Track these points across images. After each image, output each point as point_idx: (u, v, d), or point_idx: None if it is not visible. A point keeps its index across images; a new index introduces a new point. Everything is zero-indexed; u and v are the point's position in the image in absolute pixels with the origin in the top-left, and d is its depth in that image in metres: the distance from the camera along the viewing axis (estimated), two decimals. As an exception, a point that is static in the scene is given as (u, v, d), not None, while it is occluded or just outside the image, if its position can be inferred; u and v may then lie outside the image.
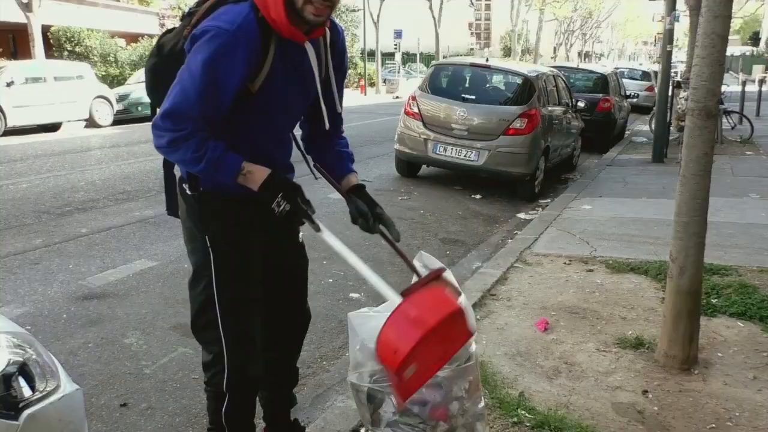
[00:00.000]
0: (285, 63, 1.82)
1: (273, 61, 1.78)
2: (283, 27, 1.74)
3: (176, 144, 1.75)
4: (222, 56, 1.68)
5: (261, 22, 1.73)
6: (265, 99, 1.83)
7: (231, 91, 1.74)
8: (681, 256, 3.10)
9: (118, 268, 4.74)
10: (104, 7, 27.64)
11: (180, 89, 1.72)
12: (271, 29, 1.76)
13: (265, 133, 1.93)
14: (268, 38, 1.75)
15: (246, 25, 1.71)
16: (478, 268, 5.01)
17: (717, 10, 2.71)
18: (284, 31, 1.76)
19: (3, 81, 13.68)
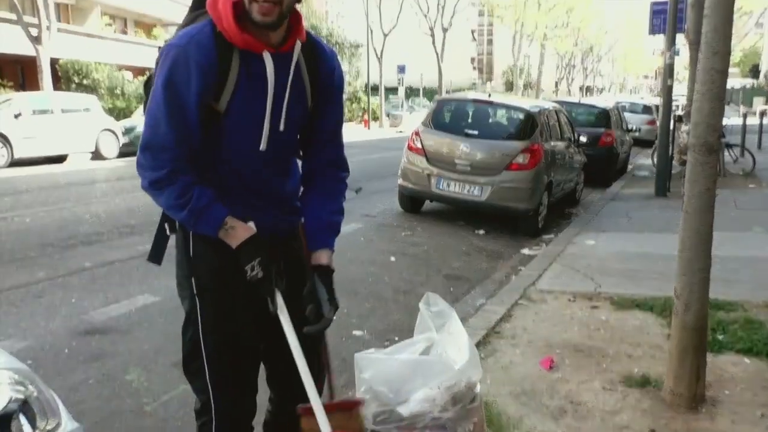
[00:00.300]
0: (250, 78, 1.71)
1: (238, 76, 1.69)
2: (233, 35, 1.65)
3: (159, 185, 1.69)
4: (175, 73, 1.63)
5: (218, 36, 1.66)
6: (235, 118, 1.73)
7: (193, 108, 1.66)
8: (686, 292, 3.08)
9: (120, 303, 4.73)
10: (112, 41, 28.10)
11: (149, 119, 1.68)
12: (230, 43, 1.67)
13: (246, 158, 1.79)
14: (228, 52, 1.67)
15: (198, 39, 1.65)
16: (482, 305, 4.98)
17: (716, 46, 2.74)
18: (236, 39, 1.65)
19: (11, 112, 13.83)
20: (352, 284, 5.34)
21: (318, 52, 1.86)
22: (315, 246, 1.90)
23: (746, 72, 63.50)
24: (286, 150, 1.89)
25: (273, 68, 1.71)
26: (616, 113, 14.45)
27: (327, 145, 1.96)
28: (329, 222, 1.94)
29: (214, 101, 1.69)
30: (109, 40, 27.80)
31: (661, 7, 11.93)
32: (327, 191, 1.97)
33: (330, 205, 1.96)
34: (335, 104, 1.94)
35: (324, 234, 1.92)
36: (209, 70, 1.64)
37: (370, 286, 5.35)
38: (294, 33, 1.76)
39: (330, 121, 1.94)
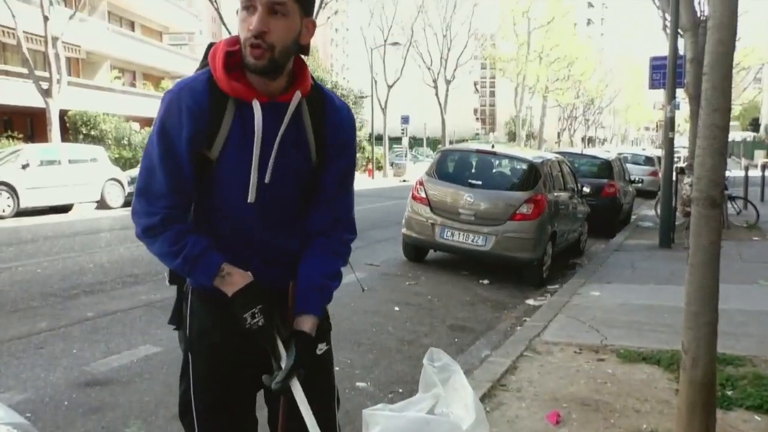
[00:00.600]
0: (243, 127, 1.64)
1: (231, 125, 1.64)
2: (223, 82, 1.61)
3: (153, 233, 1.64)
4: (168, 120, 1.62)
5: (213, 84, 1.63)
6: (225, 167, 1.67)
7: (185, 155, 1.61)
8: (693, 347, 3.04)
9: (122, 354, 4.69)
10: (121, 93, 28.61)
11: (145, 164, 1.65)
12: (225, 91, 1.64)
13: (237, 209, 1.71)
14: (222, 100, 1.63)
15: (192, 86, 1.63)
16: (487, 357, 4.93)
17: (716, 103, 2.78)
18: (225, 87, 1.61)
19: (18, 163, 13.99)
20: (356, 335, 5.30)
21: (326, 106, 1.78)
22: (300, 309, 1.70)
23: (746, 125, 64.22)
24: (280, 204, 1.76)
25: (261, 117, 1.63)
26: (619, 164, 14.56)
27: (331, 203, 1.82)
28: (321, 285, 1.75)
29: (206, 149, 1.64)
30: (117, 93, 28.33)
31: (660, 62, 12.16)
32: (325, 252, 1.80)
33: (325, 267, 1.78)
34: (342, 161, 1.82)
35: (312, 298, 1.73)
36: (200, 116, 1.61)
37: (374, 336, 5.30)
38: (296, 83, 1.70)
39: (334, 178, 1.81)
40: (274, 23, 1.54)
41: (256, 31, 1.53)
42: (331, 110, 1.78)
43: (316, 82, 1.79)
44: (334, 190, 1.82)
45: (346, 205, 1.87)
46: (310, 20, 1.66)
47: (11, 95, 22.04)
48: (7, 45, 24.41)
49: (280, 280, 1.74)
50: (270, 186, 1.70)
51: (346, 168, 1.84)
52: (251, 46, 1.54)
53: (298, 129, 1.72)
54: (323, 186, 1.81)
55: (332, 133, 1.78)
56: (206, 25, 73.53)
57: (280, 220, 1.78)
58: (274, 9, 1.54)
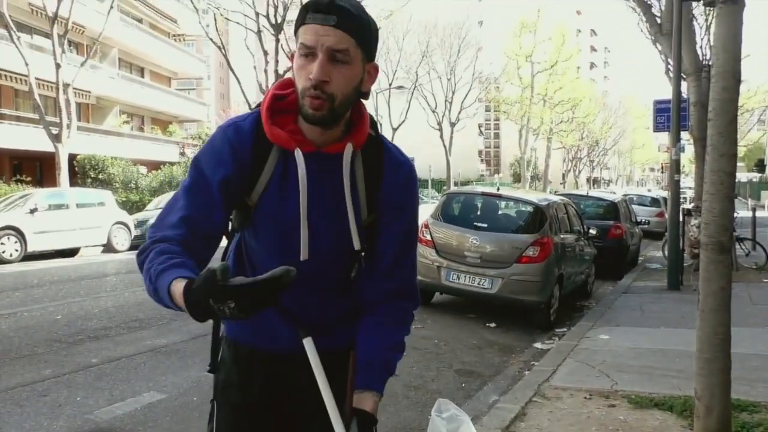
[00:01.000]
0: (287, 177, 1.53)
1: (273, 172, 1.53)
2: (266, 128, 1.51)
3: (144, 252, 1.44)
4: (208, 152, 1.53)
5: (261, 127, 1.53)
6: (264, 216, 1.55)
7: (216, 189, 1.49)
8: (707, 394, 3.00)
9: (126, 401, 4.63)
10: (129, 137, 29.00)
11: (173, 195, 1.55)
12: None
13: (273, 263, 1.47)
14: (267, 145, 1.52)
15: (239, 125, 1.54)
16: (495, 403, 4.85)
17: (722, 149, 2.79)
18: (266, 131, 1.50)
19: (27, 208, 14.10)
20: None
21: (384, 161, 1.60)
22: (361, 385, 1.54)
23: (751, 166, 64.31)
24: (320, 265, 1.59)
25: (305, 169, 1.50)
26: (625, 206, 14.55)
27: (392, 271, 1.64)
28: (384, 360, 1.60)
29: (246, 194, 1.54)
30: (125, 137, 28.72)
31: (664, 105, 12.25)
32: (387, 321, 1.64)
33: (388, 338, 1.62)
34: (400, 224, 1.63)
35: (374, 373, 1.57)
36: (242, 156, 1.51)
37: (381, 383, 5.24)
38: (351, 133, 1.55)
39: (392, 244, 1.63)
40: (335, 72, 1.42)
41: (316, 80, 1.40)
42: (389, 166, 1.60)
43: (377, 131, 1.63)
44: (392, 258, 1.64)
45: (408, 272, 1.69)
46: (373, 65, 1.52)
47: (22, 140, 22.39)
48: (19, 91, 24.87)
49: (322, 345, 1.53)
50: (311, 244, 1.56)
51: (404, 232, 1.65)
52: (310, 96, 1.42)
53: (349, 184, 1.55)
54: (380, 252, 1.63)
55: (388, 192, 1.60)
56: (214, 71, 74.79)
57: (320, 283, 1.62)
58: (335, 56, 1.41)
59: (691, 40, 10.96)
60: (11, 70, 22.47)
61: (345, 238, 1.57)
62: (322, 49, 1.39)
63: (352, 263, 1.65)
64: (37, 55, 21.15)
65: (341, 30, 1.39)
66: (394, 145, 1.65)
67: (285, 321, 1.57)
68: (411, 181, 1.65)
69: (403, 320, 1.69)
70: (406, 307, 1.69)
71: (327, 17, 1.38)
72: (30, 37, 24.49)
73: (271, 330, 1.61)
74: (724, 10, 2.76)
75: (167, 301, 1.33)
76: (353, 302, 1.69)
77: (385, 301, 1.65)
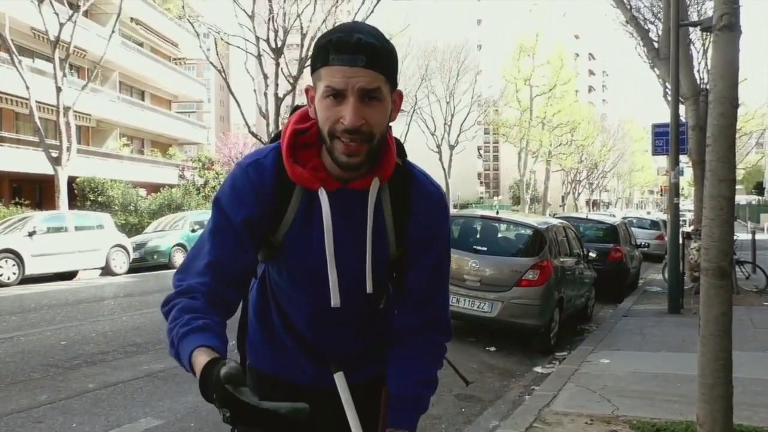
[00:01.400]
0: (311, 216, 1.47)
1: (297, 210, 1.47)
2: (288, 167, 1.44)
3: (168, 304, 1.39)
4: (230, 191, 1.46)
5: (282, 164, 1.46)
6: (289, 255, 1.50)
7: (239, 230, 1.43)
8: (708, 420, 2.96)
9: (122, 427, 4.58)
10: (129, 160, 29.09)
11: (199, 239, 1.49)
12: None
13: (298, 301, 1.56)
14: (290, 182, 1.45)
15: (261, 161, 1.47)
16: (496, 428, 4.80)
17: (721, 174, 2.79)
18: (289, 172, 1.44)
19: (25, 231, 14.09)
20: None
21: (413, 191, 1.52)
22: (392, 423, 1.48)
23: (750, 189, 64.48)
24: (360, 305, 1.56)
25: (329, 211, 1.44)
26: (624, 228, 14.55)
27: (423, 305, 1.58)
28: (415, 396, 1.52)
29: (270, 232, 1.49)
30: (125, 160, 28.81)
31: (662, 129, 12.32)
32: (417, 354, 1.57)
33: (419, 374, 1.55)
34: (430, 258, 1.56)
35: (406, 410, 1.50)
36: (264, 196, 1.45)
37: None
38: (379, 165, 1.46)
39: (422, 277, 1.56)
40: (369, 112, 1.34)
41: (353, 126, 1.31)
42: (418, 197, 1.52)
43: (404, 160, 1.55)
44: (423, 291, 1.57)
45: (439, 306, 1.62)
46: (398, 93, 1.43)
47: (21, 163, 22.45)
48: (19, 114, 25.00)
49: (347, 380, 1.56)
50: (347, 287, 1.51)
51: (435, 264, 1.58)
52: (346, 141, 1.34)
53: (376, 219, 1.48)
54: (410, 285, 1.57)
55: (416, 224, 1.53)
56: (214, 94, 75.25)
57: (347, 319, 1.58)
58: (367, 96, 1.33)
59: (689, 65, 11.07)
60: (12, 93, 22.61)
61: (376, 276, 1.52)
62: (353, 91, 1.31)
63: (380, 296, 1.59)
64: (38, 79, 21.29)
65: (371, 69, 1.31)
66: (423, 173, 1.57)
67: (311, 356, 1.57)
68: (441, 212, 1.55)
69: (435, 353, 1.61)
70: (437, 339, 1.62)
71: (355, 58, 1.30)
72: (32, 60, 24.68)
73: (294, 363, 1.59)
74: (720, 38, 2.78)
75: (188, 369, 1.27)
76: (379, 334, 1.64)
77: (415, 333, 1.58)
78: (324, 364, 1.58)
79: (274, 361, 1.61)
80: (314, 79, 1.37)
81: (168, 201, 25.36)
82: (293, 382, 1.60)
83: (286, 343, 1.59)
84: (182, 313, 1.33)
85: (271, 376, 1.63)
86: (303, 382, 1.60)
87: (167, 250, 17.33)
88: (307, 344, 1.58)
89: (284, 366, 1.61)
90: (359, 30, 1.32)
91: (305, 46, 22.43)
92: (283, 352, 1.60)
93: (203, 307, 1.36)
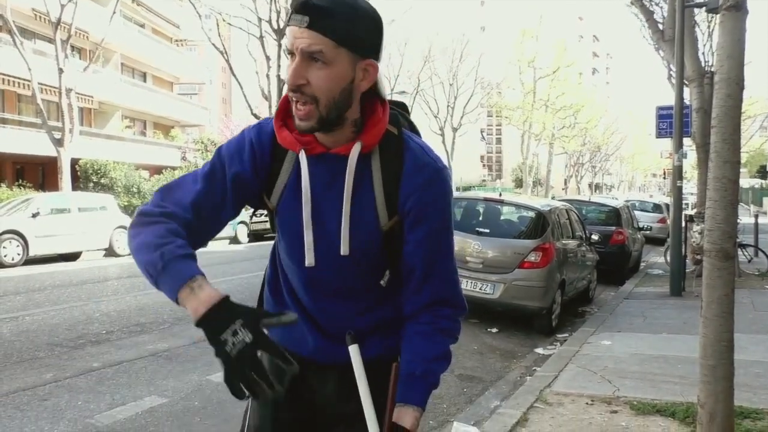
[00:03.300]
0: (299, 180, 1.48)
1: (289, 175, 1.49)
2: (276, 131, 1.47)
3: (146, 219, 1.39)
4: (233, 145, 1.51)
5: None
6: (282, 220, 1.53)
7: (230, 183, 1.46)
8: (710, 401, 2.98)
9: (127, 405, 4.62)
10: (131, 142, 29.03)
11: (189, 174, 1.51)
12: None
13: (296, 269, 1.55)
14: (284, 148, 1.49)
15: (262, 127, 1.52)
16: (497, 408, 4.84)
17: (726, 156, 2.79)
18: (277, 135, 1.46)
19: (29, 212, 14.12)
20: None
21: (406, 161, 1.49)
22: (401, 399, 1.44)
23: (754, 172, 64.23)
24: (339, 273, 1.53)
25: (307, 172, 1.44)
26: (627, 211, 14.54)
27: (426, 282, 1.53)
28: (424, 371, 1.48)
29: (266, 196, 1.53)
30: (128, 141, 28.75)
31: (666, 112, 12.27)
32: (427, 330, 1.52)
33: (429, 350, 1.51)
34: (423, 229, 1.50)
35: (415, 386, 1.47)
36: (260, 157, 1.48)
37: None
38: (363, 133, 1.45)
39: (419, 252, 1.51)
40: (312, 73, 1.34)
41: (290, 84, 1.35)
42: (409, 167, 1.47)
43: (401, 130, 1.53)
44: (422, 267, 1.52)
45: (446, 282, 1.55)
46: (368, 62, 1.39)
47: (24, 145, 22.41)
48: (22, 96, 24.93)
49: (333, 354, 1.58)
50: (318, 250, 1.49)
51: (430, 239, 1.51)
52: (295, 103, 1.37)
53: (363, 186, 1.46)
54: (408, 265, 1.53)
55: (407, 195, 1.47)
56: (216, 75, 74.92)
57: (345, 292, 1.56)
58: (312, 57, 1.32)
59: (694, 47, 10.99)
60: (14, 75, 22.51)
61: (359, 247, 1.50)
62: (297, 51, 1.33)
63: (367, 273, 1.56)
64: (39, 60, 21.20)
65: (315, 31, 1.30)
66: (421, 144, 1.53)
67: (313, 327, 1.58)
68: (435, 184, 1.48)
69: (447, 328, 1.54)
70: (447, 314, 1.55)
71: (301, 18, 1.31)
72: (33, 42, 24.55)
73: (298, 333, 1.60)
74: (727, 17, 2.76)
75: (169, 289, 1.27)
76: (389, 312, 1.61)
77: (425, 310, 1.53)
78: (328, 337, 1.59)
79: (282, 331, 1.60)
80: None
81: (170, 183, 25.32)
82: (298, 352, 1.59)
83: (290, 310, 1.60)
84: (174, 236, 1.33)
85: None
86: (305, 351, 1.61)
87: (170, 232, 17.35)
88: (308, 314, 1.59)
89: (290, 336, 1.61)
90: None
91: (308, 28, 22.26)
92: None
93: (186, 243, 1.35)
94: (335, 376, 1.60)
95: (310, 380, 1.62)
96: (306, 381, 1.62)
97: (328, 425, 1.64)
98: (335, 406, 1.61)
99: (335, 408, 1.61)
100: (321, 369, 1.61)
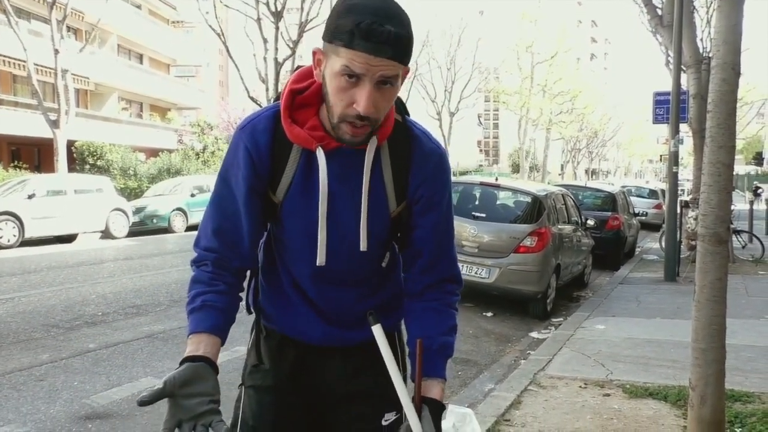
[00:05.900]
0: (311, 176, 1.46)
1: (296, 170, 1.46)
2: (286, 128, 1.43)
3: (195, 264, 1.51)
4: (229, 159, 1.49)
5: (280, 123, 1.45)
6: (289, 214, 1.50)
7: (241, 194, 1.47)
8: (701, 384, 3.01)
9: (123, 386, 4.65)
10: (128, 124, 28.91)
11: (207, 205, 1.55)
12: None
13: (299, 260, 1.56)
14: (287, 143, 1.45)
15: (255, 124, 1.47)
16: (491, 391, 4.87)
17: (721, 141, 2.79)
18: (288, 133, 1.43)
19: (25, 193, 14.09)
20: None
21: (413, 150, 1.50)
22: (426, 373, 1.49)
23: (749, 159, 64.29)
24: (350, 264, 1.55)
25: (326, 170, 1.43)
26: (623, 197, 14.57)
27: (431, 269, 1.58)
28: (441, 344, 1.53)
29: (271, 191, 1.50)
30: (125, 124, 28.64)
31: (663, 98, 12.25)
32: (436, 306, 1.58)
33: (441, 324, 1.56)
34: (433, 216, 1.55)
35: (437, 360, 1.52)
36: (259, 158, 1.45)
37: None
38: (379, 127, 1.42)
39: (427, 239, 1.56)
40: (381, 98, 1.32)
41: (366, 114, 1.30)
42: (418, 155, 1.51)
43: (405, 118, 1.54)
44: (432, 250, 1.57)
45: (448, 263, 1.62)
46: (406, 69, 1.36)
47: (20, 126, 22.31)
48: (17, 77, 24.78)
49: (338, 337, 1.62)
50: (332, 245, 1.51)
51: (438, 226, 1.56)
52: (353, 124, 1.33)
53: (374, 179, 1.48)
54: (417, 245, 1.56)
55: (416, 183, 1.51)
56: (213, 58, 74.44)
57: (350, 281, 1.59)
58: (384, 82, 1.30)
59: (692, 32, 10.95)
60: (9, 56, 22.37)
61: (374, 239, 1.52)
62: (372, 78, 1.28)
63: (375, 258, 1.58)
64: (35, 41, 21.04)
65: (395, 60, 1.28)
66: (424, 130, 1.56)
67: (318, 314, 1.60)
68: (441, 171, 1.53)
69: (452, 302, 1.61)
70: (451, 289, 1.62)
71: (383, 49, 1.25)
72: (28, 22, 24.36)
73: (302, 320, 1.60)
74: (725, 2, 2.76)
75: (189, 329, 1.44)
76: (388, 292, 1.65)
77: (431, 288, 1.59)
78: (332, 323, 1.60)
79: (281, 319, 1.62)
80: (328, 48, 1.31)
81: (167, 165, 25.26)
82: (301, 339, 1.61)
83: (293, 300, 1.60)
84: (192, 285, 1.47)
85: (278, 333, 1.64)
86: (312, 339, 1.61)
87: (167, 215, 17.37)
88: (313, 302, 1.60)
89: (292, 324, 1.62)
90: (389, 16, 1.26)
91: (305, 10, 22.12)
92: (291, 309, 1.61)
93: (209, 278, 1.46)
94: (339, 359, 1.62)
95: (312, 364, 1.64)
96: (306, 365, 1.63)
97: (330, 405, 1.65)
98: (339, 387, 1.63)
99: (339, 389, 1.63)
100: (323, 352, 1.62)
